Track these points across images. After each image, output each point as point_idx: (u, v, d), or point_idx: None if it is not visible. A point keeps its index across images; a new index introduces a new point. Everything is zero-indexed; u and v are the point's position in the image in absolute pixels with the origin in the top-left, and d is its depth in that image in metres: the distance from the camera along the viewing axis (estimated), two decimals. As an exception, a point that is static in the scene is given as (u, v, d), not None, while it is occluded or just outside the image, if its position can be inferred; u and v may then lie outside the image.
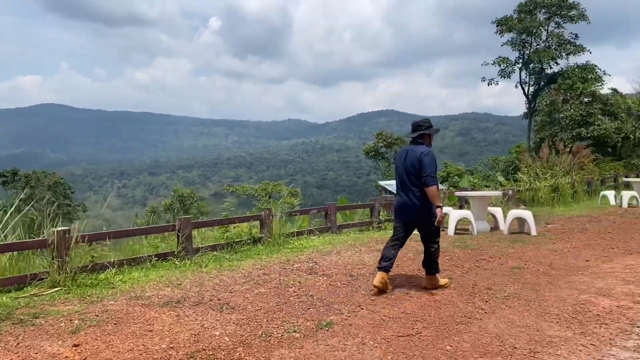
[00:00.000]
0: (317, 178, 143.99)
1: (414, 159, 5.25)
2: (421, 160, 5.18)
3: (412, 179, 5.25)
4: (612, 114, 33.47)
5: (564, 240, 8.45)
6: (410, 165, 5.26)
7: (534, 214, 12.03)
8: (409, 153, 5.35)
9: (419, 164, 5.19)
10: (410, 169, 5.27)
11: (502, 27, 36.87)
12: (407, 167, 5.30)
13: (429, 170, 5.13)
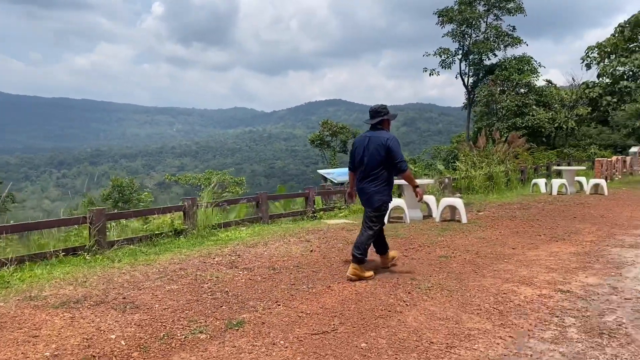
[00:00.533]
0: (265, 167, 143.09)
1: (378, 145, 5.18)
2: (388, 146, 5.14)
3: (374, 165, 5.22)
4: (546, 105, 34.74)
5: (493, 227, 8.48)
6: (375, 151, 5.19)
7: (467, 201, 12.19)
8: (371, 139, 5.27)
9: (385, 150, 5.14)
10: (375, 156, 5.20)
11: (443, 18, 37.39)
12: (372, 154, 5.22)
13: (399, 157, 5.15)
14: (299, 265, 5.92)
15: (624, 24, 31.03)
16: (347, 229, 8.34)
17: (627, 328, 3.97)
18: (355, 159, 5.41)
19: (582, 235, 7.82)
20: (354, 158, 5.44)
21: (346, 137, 40.51)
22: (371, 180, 5.28)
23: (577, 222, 9.15)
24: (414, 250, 6.70)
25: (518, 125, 30.32)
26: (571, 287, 5.08)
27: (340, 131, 40.45)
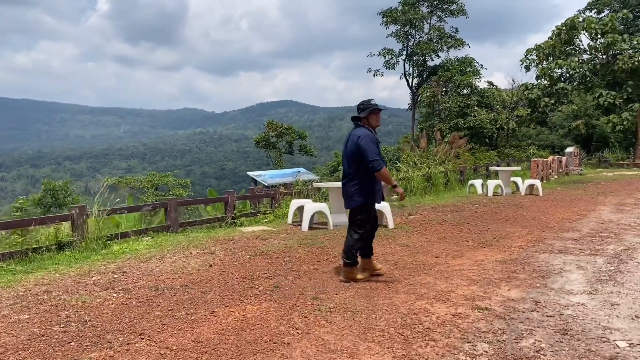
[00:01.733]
0: (216, 168, 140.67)
1: (352, 143, 4.98)
2: (359, 144, 4.88)
3: (349, 165, 5.03)
4: (488, 106, 35.21)
5: (420, 233, 7.95)
6: (350, 150, 5.01)
7: (401, 204, 11.69)
8: (350, 138, 5.08)
9: (356, 148, 4.90)
10: (349, 154, 5.03)
11: (387, 18, 37.32)
12: (347, 153, 5.06)
13: (370, 156, 4.83)
14: (188, 284, 5.12)
15: (560, 26, 31.77)
16: (263, 237, 7.58)
17: (546, 355, 3.41)
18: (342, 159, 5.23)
19: (511, 240, 7.38)
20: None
21: (292, 138, 39.84)
22: (349, 180, 5.06)
23: (508, 225, 8.75)
24: (327, 262, 6.01)
25: (460, 126, 30.48)
26: (490, 303, 4.52)
27: (286, 132, 39.78)
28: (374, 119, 5.10)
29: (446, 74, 33.05)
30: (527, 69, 33.98)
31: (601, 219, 9.36)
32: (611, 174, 21.10)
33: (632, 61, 27.90)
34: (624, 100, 28.76)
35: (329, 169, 46.41)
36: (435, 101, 32.28)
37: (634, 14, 31.15)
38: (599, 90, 29.28)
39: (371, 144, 4.86)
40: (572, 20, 31.10)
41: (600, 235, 7.80)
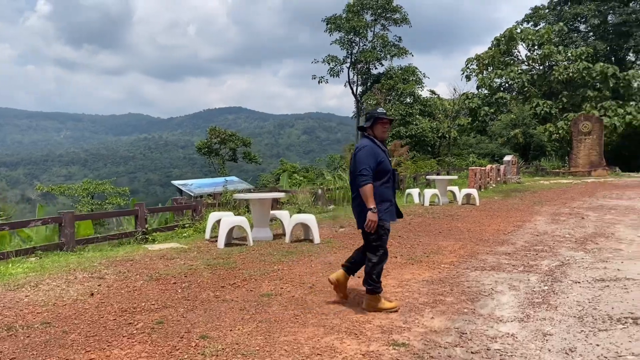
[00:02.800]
0: (161, 175, 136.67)
1: (353, 155, 4.62)
2: (355, 155, 4.53)
3: (354, 179, 4.54)
4: (430, 115, 35.48)
5: (348, 248, 7.29)
6: (352, 163, 4.62)
7: (335, 215, 11.07)
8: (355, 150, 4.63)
9: (354, 161, 4.53)
10: (352, 167, 4.62)
11: (331, 25, 37.08)
12: (351, 166, 4.66)
13: (360, 168, 4.36)
14: (52, 320, 4.22)
15: (499, 37, 32.41)
16: (169, 256, 6.72)
17: (465, 409, 2.78)
18: None
19: (442, 256, 6.85)
20: None
21: (236, 145, 38.86)
22: (356, 196, 4.57)
23: (441, 238, 8.26)
24: (232, 287, 5.24)
25: (402, 134, 30.44)
26: (410, 336, 3.89)
27: (229, 138, 38.73)
28: (379, 130, 4.59)
29: (389, 82, 33.06)
30: (467, 78, 34.51)
31: (536, 230, 9.05)
32: (547, 182, 21.40)
33: (567, 72, 28.71)
34: (559, 110, 29.57)
35: (274, 176, 45.58)
36: (378, 109, 32.15)
37: (568, 27, 32.19)
38: (536, 100, 29.98)
39: (369, 157, 4.38)
40: (510, 31, 31.79)
41: (535, 248, 7.42)
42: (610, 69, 27.44)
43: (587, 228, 9.31)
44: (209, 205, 9.79)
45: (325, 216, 10.95)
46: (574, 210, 11.91)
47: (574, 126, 26.26)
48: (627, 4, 29.61)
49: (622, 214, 11.22)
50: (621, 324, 4.10)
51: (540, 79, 31.14)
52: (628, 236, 8.39)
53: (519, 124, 32.89)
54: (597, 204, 13.31)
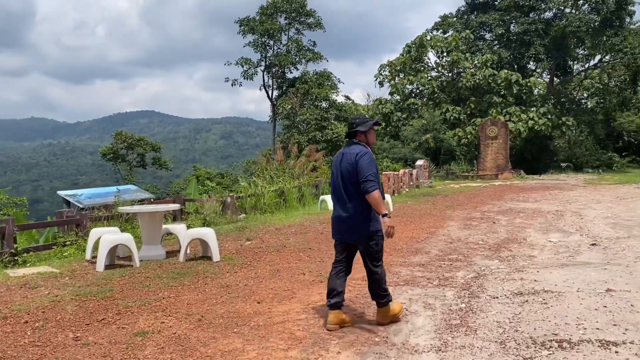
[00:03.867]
0: (68, 183, 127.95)
1: (349, 162, 4.26)
2: (357, 162, 4.21)
3: (348, 187, 4.28)
4: (346, 120, 35.45)
5: (251, 265, 6.53)
6: (346, 170, 4.28)
7: (244, 226, 10.24)
8: (344, 156, 4.36)
9: (355, 167, 4.21)
10: (345, 175, 4.29)
11: (245, 27, 36.13)
12: (343, 174, 4.32)
13: (367, 174, 4.13)
14: None
15: (410, 44, 33.03)
16: (34, 284, 5.60)
17: None
18: (332, 179, 4.49)
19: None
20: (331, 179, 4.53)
21: (144, 150, 36.82)
22: (347, 205, 4.28)
23: (355, 249, 7.72)
24: (100, 325, 4.29)
25: (318, 138, 30.11)
26: (310, 381, 3.20)
27: (137, 143, 36.60)
28: (372, 135, 4.48)
29: (304, 87, 32.65)
30: (380, 84, 34.84)
31: (450, 237, 8.76)
32: (458, 186, 21.82)
33: (473, 79, 29.72)
34: (467, 115, 30.54)
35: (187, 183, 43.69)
36: (293, 113, 31.63)
37: (475, 35, 33.46)
38: (445, 106, 30.79)
39: (372, 163, 4.21)
40: (420, 38, 32.48)
41: (449, 257, 7.05)
42: (514, 76, 28.75)
43: (499, 233, 9.19)
44: (97, 219, 8.61)
45: (233, 227, 10.09)
46: (485, 215, 11.91)
47: (482, 131, 27.18)
48: (527, 14, 31.24)
49: (531, 217, 11.33)
50: (546, 349, 3.66)
51: (449, 85, 32.06)
52: (539, 241, 8.30)
53: (429, 129, 33.66)
54: (506, 207, 13.48)
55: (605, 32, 29.69)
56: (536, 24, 30.53)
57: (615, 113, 34.93)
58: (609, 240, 8.13)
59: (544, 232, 9.21)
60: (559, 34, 30.70)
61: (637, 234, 8.79)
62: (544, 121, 28.80)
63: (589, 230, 9.26)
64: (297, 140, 29.37)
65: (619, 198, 14.91)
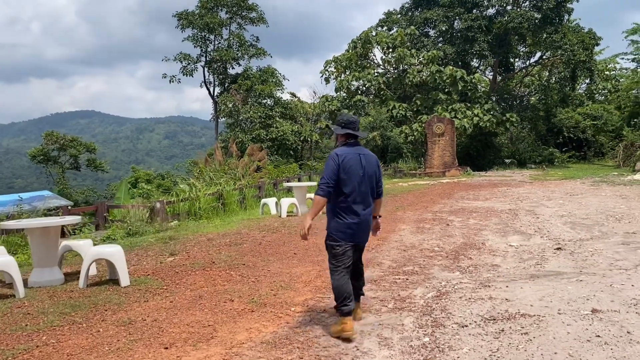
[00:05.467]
0: (2, 187, 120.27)
1: (372, 165, 4.24)
2: (379, 166, 4.33)
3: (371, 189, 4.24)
4: (292, 118, 34.44)
5: (168, 290, 5.36)
6: (372, 172, 4.22)
7: (173, 235, 8.98)
8: (364, 157, 4.21)
9: (377, 171, 4.29)
10: (371, 177, 4.22)
11: (183, 21, 34.38)
12: (369, 175, 4.19)
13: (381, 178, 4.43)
14: None
15: (356, 40, 32.35)
16: None
17: None
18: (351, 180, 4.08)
19: (293, 291, 5.23)
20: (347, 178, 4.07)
21: (78, 152, 34.40)
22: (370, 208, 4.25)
23: (296, 262, 6.67)
24: None
25: (262, 137, 28.89)
26: None
27: (70, 144, 34.13)
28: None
29: (246, 83, 31.32)
30: (326, 81, 33.99)
31: (403, 244, 7.87)
32: (406, 184, 21.21)
33: (419, 76, 29.36)
34: (413, 112, 30.16)
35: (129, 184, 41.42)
36: (235, 111, 30.26)
37: (420, 31, 33.19)
38: (392, 103, 30.28)
39: None
40: (366, 34, 31.85)
41: (405, 270, 6.14)
42: (458, 72, 28.56)
43: (455, 237, 8.40)
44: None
45: (159, 237, 8.81)
46: (437, 215, 11.16)
47: (428, 128, 26.81)
48: (470, 11, 31.20)
49: (485, 217, 10.66)
50: (543, 409, 2.75)
51: (395, 82, 31.60)
52: (499, 246, 7.55)
53: (376, 126, 33.15)
54: (458, 206, 12.83)
55: (546, 29, 30.06)
56: (479, 20, 30.52)
57: (556, 109, 35.64)
58: (573, 244, 7.48)
59: (502, 235, 8.50)
60: (501, 30, 30.84)
61: (599, 234, 8.22)
62: (489, 117, 28.80)
63: (548, 232, 8.63)
64: (240, 139, 28.06)
65: (569, 194, 14.62)
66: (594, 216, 10.17)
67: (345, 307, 4.01)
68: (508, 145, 36.81)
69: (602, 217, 10.04)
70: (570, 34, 30.41)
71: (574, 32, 31.39)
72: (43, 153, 33.58)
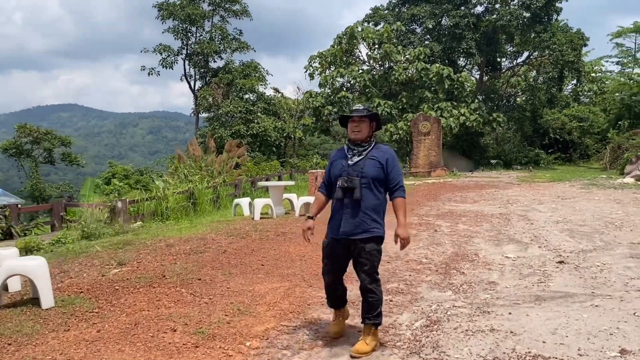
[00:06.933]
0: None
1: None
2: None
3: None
4: (275, 114, 33.44)
5: (98, 315, 4.38)
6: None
7: (130, 240, 7.97)
8: None
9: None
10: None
11: (164, 12, 33.15)
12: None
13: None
14: None
15: (341, 35, 31.43)
16: None
17: None
18: None
19: (253, 318, 4.30)
20: None
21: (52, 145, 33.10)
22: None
23: (262, 275, 5.74)
24: None
25: (243, 132, 27.85)
26: None
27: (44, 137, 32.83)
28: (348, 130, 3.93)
29: (227, 77, 30.23)
30: (311, 76, 32.96)
31: (386, 253, 6.93)
32: (391, 184, 20.41)
33: (405, 73, 28.57)
34: (399, 110, 29.36)
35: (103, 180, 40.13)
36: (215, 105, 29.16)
37: (406, 27, 32.38)
38: (377, 100, 29.44)
39: None
40: (351, 29, 30.94)
41: (389, 288, 5.26)
42: (445, 70, 27.81)
43: (444, 246, 7.54)
44: None
45: (113, 242, 7.80)
46: (424, 220, 10.32)
47: (414, 126, 26.01)
48: (459, 7, 30.47)
49: (475, 222, 9.84)
50: None
51: (381, 79, 30.76)
52: (494, 257, 6.71)
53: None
54: (445, 209, 12.01)
55: (534, 27, 29.47)
56: (467, 17, 29.82)
57: (542, 110, 35.16)
58: (576, 256, 6.67)
59: (496, 244, 7.67)
60: (489, 28, 30.19)
61: (601, 244, 7.43)
62: (475, 117, 28.12)
63: (546, 241, 7.82)
64: (219, 135, 27.00)
65: (560, 198, 13.90)
66: (592, 223, 9.40)
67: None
68: (494, 145, 36.25)
69: (601, 224, 9.29)
70: (559, 34, 29.87)
71: (563, 32, 30.86)
72: (15, 146, 32.24)
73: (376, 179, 3.70)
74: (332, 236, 3.77)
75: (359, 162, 3.75)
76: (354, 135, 3.83)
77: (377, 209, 3.73)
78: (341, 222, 3.70)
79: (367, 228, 3.64)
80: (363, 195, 3.65)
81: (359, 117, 3.80)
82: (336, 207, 3.79)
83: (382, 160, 3.74)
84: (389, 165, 3.74)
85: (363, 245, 3.63)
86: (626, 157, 23.89)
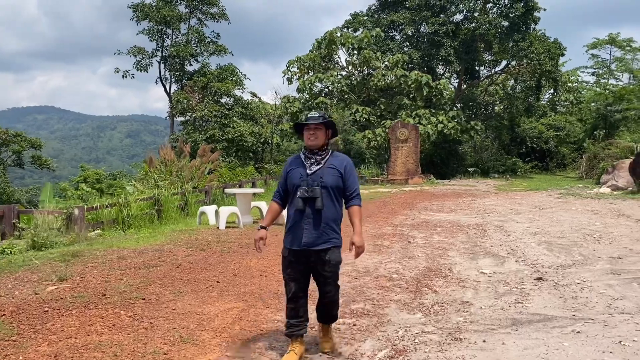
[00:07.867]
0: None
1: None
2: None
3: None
4: (253, 119, 32.88)
5: (17, 343, 3.80)
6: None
7: (76, 251, 7.36)
8: None
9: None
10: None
11: (139, 13, 32.40)
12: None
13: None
14: None
15: (320, 40, 31.07)
16: None
17: None
18: None
19: (194, 347, 3.78)
20: None
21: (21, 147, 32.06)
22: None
23: (215, 295, 5.21)
24: None
25: (218, 137, 27.21)
26: None
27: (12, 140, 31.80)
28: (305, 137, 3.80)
29: (202, 80, 29.58)
30: (289, 81, 32.53)
31: (355, 268, 6.52)
32: (367, 192, 19.97)
33: (384, 79, 28.31)
34: (377, 117, 29.07)
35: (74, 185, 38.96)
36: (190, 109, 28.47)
37: (385, 34, 32.16)
38: (355, 106, 29.13)
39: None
40: (331, 34, 30.60)
41: (352, 309, 4.79)
42: (424, 78, 27.60)
43: (417, 259, 7.11)
44: None
45: (62, 253, 7.18)
46: (398, 230, 9.89)
47: (392, 133, 25.71)
48: (438, 15, 30.37)
49: (450, 233, 9.46)
50: None
51: (359, 85, 30.47)
52: (469, 272, 6.29)
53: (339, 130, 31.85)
54: (421, 219, 11.62)
55: (513, 36, 29.51)
56: (446, 25, 29.72)
57: (520, 119, 35.27)
58: (555, 271, 6.29)
59: (472, 257, 7.27)
60: (468, 36, 30.15)
61: (580, 258, 7.08)
62: (453, 125, 27.95)
63: (523, 254, 7.45)
64: (194, 139, 26.32)
65: (538, 207, 13.64)
66: (570, 235, 9.09)
67: None
68: (472, 153, 36.21)
69: (579, 236, 8.97)
70: (537, 43, 29.96)
71: (541, 41, 30.97)
72: (-19, 148, 31.13)
73: (336, 188, 3.67)
74: (292, 248, 3.69)
75: (317, 171, 3.68)
76: (311, 142, 3.72)
77: (337, 219, 3.72)
78: (303, 233, 3.63)
79: (328, 238, 3.64)
80: (325, 205, 3.59)
81: (314, 125, 3.70)
82: (295, 218, 3.70)
83: (340, 169, 3.70)
84: (347, 173, 3.71)
85: (325, 255, 3.60)
86: (602, 167, 23.90)
